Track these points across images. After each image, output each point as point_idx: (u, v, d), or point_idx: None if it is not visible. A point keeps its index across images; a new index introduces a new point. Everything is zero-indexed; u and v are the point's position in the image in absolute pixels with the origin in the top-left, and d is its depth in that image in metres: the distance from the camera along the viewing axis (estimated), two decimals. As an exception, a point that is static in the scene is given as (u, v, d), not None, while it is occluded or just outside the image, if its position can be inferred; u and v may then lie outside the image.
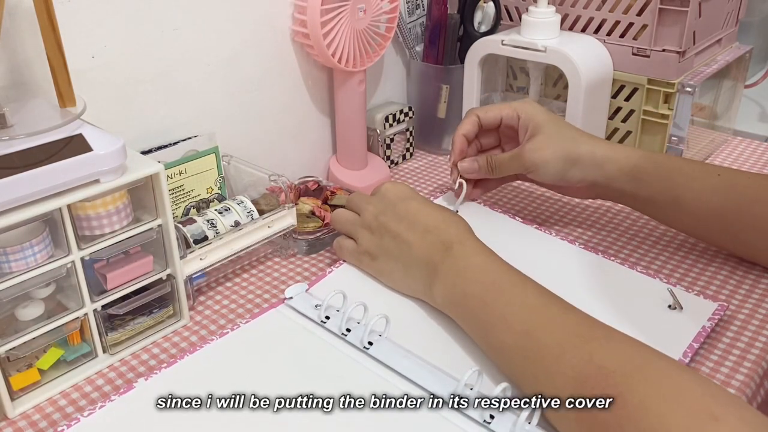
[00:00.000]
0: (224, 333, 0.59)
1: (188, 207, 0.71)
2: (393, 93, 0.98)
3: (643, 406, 0.42)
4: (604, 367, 0.45)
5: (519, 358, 0.51)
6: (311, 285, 0.65)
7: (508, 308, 0.53)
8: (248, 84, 0.79)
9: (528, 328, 0.51)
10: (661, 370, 0.45)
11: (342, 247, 0.68)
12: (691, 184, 0.65)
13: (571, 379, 0.47)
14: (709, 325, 0.59)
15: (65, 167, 0.50)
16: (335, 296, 0.60)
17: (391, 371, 0.54)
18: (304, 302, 0.62)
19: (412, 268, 0.62)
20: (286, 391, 0.52)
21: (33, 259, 0.52)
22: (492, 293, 0.55)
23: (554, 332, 0.50)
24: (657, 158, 0.67)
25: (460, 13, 0.90)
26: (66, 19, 0.61)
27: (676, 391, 0.42)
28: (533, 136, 0.69)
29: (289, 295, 0.63)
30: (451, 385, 0.52)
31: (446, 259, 0.59)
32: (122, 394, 0.53)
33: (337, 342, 0.58)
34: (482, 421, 0.49)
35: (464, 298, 0.56)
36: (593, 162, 0.68)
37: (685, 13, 0.78)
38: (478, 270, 0.57)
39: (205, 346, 0.58)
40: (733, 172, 0.67)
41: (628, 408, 0.43)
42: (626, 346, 0.47)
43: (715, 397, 0.42)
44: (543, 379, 0.49)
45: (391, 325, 0.58)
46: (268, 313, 0.62)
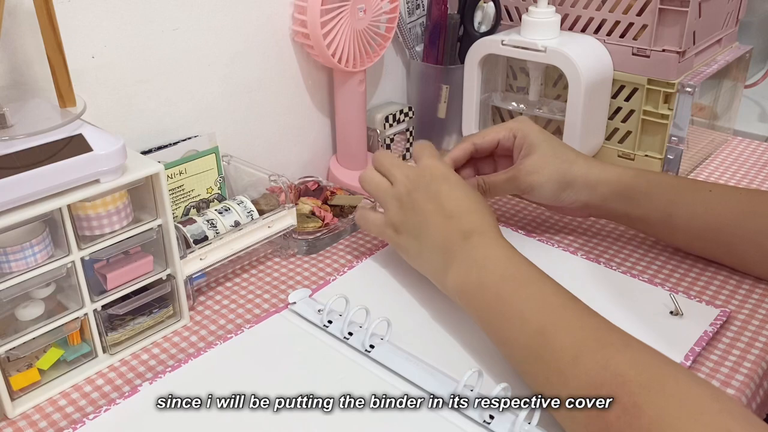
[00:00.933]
0: (228, 337, 0.60)
1: (188, 207, 0.71)
2: (393, 93, 0.98)
3: (660, 419, 0.41)
4: (621, 374, 0.45)
5: (532, 356, 0.50)
6: (315, 291, 0.66)
7: (526, 304, 0.52)
8: (248, 84, 0.79)
9: (544, 326, 0.50)
10: (679, 383, 0.44)
11: (367, 219, 0.68)
12: (683, 202, 0.66)
13: (585, 384, 0.46)
14: (711, 330, 0.59)
15: (65, 167, 0.50)
16: (337, 300, 0.60)
17: (392, 374, 0.55)
18: (307, 307, 0.62)
19: (428, 250, 0.61)
20: (288, 393, 0.53)
21: (33, 259, 0.52)
22: (509, 286, 0.54)
23: (571, 334, 0.49)
24: (649, 177, 0.68)
25: (460, 13, 0.90)
26: (66, 19, 0.61)
27: (694, 406, 0.42)
28: (528, 156, 0.69)
29: (293, 300, 0.64)
30: (451, 387, 0.52)
31: (464, 246, 0.58)
32: (127, 398, 0.53)
33: (340, 345, 0.58)
34: (482, 421, 0.49)
35: (479, 288, 0.56)
36: (586, 184, 0.68)
37: (685, 13, 0.78)
38: (496, 261, 0.56)
39: (209, 350, 0.58)
40: (725, 188, 0.68)
41: (643, 419, 0.42)
42: (644, 355, 0.47)
43: (732, 413, 0.41)
44: (556, 381, 0.48)
45: (393, 329, 0.58)
46: (272, 317, 0.62)
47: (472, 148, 0.71)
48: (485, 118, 0.95)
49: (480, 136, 0.72)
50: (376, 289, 0.66)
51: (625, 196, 0.68)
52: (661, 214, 0.67)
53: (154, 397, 0.53)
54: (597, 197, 0.69)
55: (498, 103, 0.94)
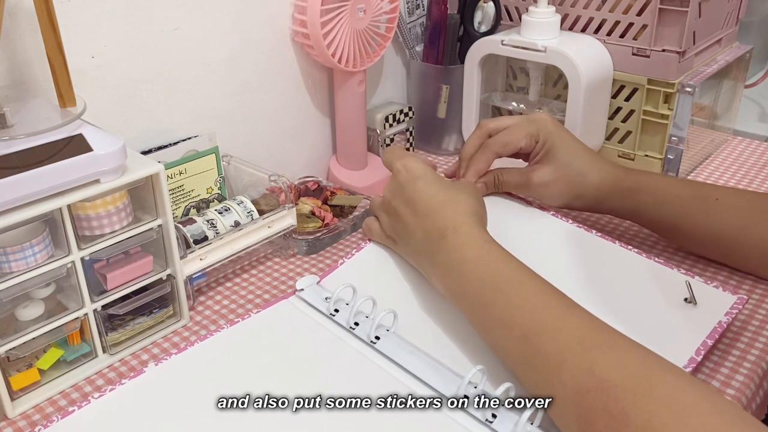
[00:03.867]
0: (235, 321, 0.60)
1: (188, 207, 0.71)
2: (393, 93, 0.98)
3: (647, 425, 0.40)
4: (607, 379, 0.43)
5: (520, 362, 0.50)
6: (323, 277, 0.65)
7: (507, 310, 0.51)
8: (248, 84, 0.79)
9: (527, 332, 0.49)
10: (667, 385, 0.42)
11: (371, 230, 0.69)
12: (688, 213, 0.67)
13: (571, 391, 0.45)
14: (726, 320, 0.57)
15: (65, 167, 0.50)
16: (345, 290, 0.60)
17: (396, 366, 0.54)
18: (315, 294, 0.62)
19: (416, 254, 0.61)
20: (290, 382, 0.53)
21: (33, 259, 0.52)
22: (489, 292, 0.53)
23: (554, 338, 0.48)
24: (656, 187, 0.68)
25: (460, 13, 0.90)
26: (66, 19, 0.61)
27: (683, 409, 0.41)
28: (542, 165, 0.69)
29: (300, 286, 0.63)
30: (455, 383, 0.52)
31: (441, 248, 0.57)
32: (132, 378, 0.54)
33: (345, 335, 0.58)
34: (484, 420, 0.49)
35: (462, 295, 0.55)
36: (596, 198, 0.69)
37: (685, 13, 0.78)
38: (473, 264, 0.55)
39: (215, 333, 0.58)
40: (731, 195, 0.67)
41: (631, 427, 0.41)
42: (630, 357, 0.45)
43: (724, 414, 0.40)
44: (544, 386, 0.47)
45: (399, 321, 0.58)
46: (279, 303, 0.62)
47: (494, 157, 0.70)
48: (485, 118, 0.94)
49: (501, 145, 0.70)
50: (383, 276, 0.65)
51: (632, 208, 0.69)
52: (666, 224, 0.68)
53: (158, 379, 0.54)
54: (604, 208, 0.71)
55: (498, 103, 0.95)
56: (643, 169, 0.85)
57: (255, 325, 0.60)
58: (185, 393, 0.53)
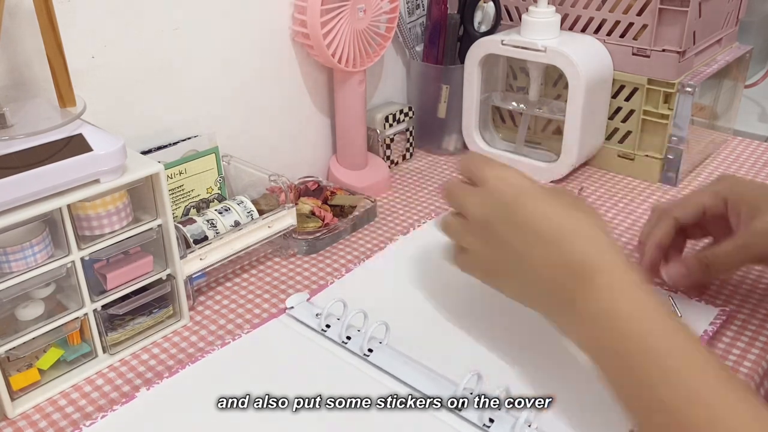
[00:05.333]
0: (226, 342, 0.59)
1: (188, 207, 0.71)
2: (393, 93, 0.98)
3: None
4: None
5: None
6: (312, 295, 0.65)
7: (669, 392, 0.41)
8: (248, 84, 0.79)
9: (695, 424, 0.40)
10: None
11: (457, 260, 0.57)
12: None
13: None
14: (711, 329, 0.59)
15: (65, 167, 0.50)
16: (335, 305, 0.60)
17: (391, 378, 0.54)
18: (305, 311, 0.62)
19: (536, 295, 0.51)
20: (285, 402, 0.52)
21: (33, 259, 0.52)
22: (649, 362, 0.43)
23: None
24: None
25: (460, 13, 0.90)
26: (66, 19, 0.61)
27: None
28: (757, 217, 0.57)
29: (290, 304, 0.63)
30: (450, 390, 0.52)
31: (587, 294, 0.46)
32: (124, 404, 0.53)
33: (338, 350, 0.58)
34: (481, 424, 0.49)
35: (611, 356, 0.45)
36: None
37: (685, 13, 0.78)
38: (630, 322, 0.44)
39: (207, 355, 0.58)
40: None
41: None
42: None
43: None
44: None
45: (391, 332, 0.58)
46: (270, 322, 0.62)
47: (674, 223, 0.62)
48: (485, 118, 0.95)
49: (680, 208, 0.62)
50: (374, 293, 0.66)
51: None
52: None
53: (150, 404, 0.53)
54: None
55: (498, 102, 0.95)
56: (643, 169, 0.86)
57: (246, 346, 0.59)
58: (178, 419, 0.52)
